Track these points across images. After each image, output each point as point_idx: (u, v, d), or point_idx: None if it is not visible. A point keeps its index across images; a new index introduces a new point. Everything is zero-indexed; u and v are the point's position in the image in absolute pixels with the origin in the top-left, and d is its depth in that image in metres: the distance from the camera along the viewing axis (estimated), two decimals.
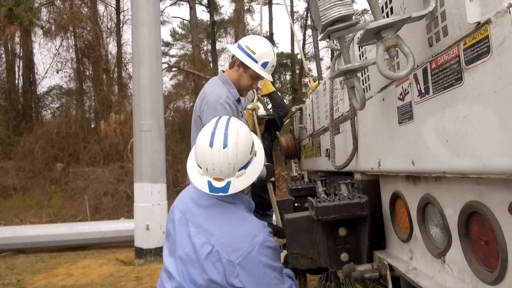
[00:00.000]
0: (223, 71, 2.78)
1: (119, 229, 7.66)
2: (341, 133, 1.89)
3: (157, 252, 6.28)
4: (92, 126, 15.45)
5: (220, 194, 1.64)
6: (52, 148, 14.00)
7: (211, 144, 1.63)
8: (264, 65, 2.52)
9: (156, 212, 6.48)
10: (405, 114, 1.13)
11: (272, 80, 2.81)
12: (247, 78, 2.59)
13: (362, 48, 1.53)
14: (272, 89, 3.98)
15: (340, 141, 1.92)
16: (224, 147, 1.62)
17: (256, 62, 2.51)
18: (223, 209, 1.72)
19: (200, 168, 1.67)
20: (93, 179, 11.76)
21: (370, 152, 1.49)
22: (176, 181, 12.93)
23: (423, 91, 1.02)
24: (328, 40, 1.26)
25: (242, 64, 2.55)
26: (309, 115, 2.76)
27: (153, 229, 6.39)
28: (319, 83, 3.52)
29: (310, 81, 3.84)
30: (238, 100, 2.65)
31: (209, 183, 1.64)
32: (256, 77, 2.61)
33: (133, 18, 6.90)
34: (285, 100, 31.92)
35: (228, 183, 1.63)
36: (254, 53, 2.50)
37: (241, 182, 1.66)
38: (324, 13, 1.15)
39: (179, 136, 15.05)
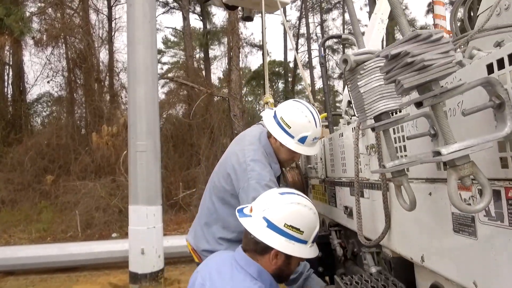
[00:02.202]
0: (263, 125, 2.44)
1: (112, 249, 7.45)
2: (366, 198, 1.78)
3: (153, 277, 6.10)
4: (83, 136, 15.17)
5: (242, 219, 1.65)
6: (42, 160, 13.69)
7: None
8: (302, 140, 2.16)
9: (152, 235, 6.31)
10: (464, 227, 1.02)
11: (314, 154, 2.41)
12: (286, 152, 2.25)
13: None
14: None
15: (365, 205, 1.81)
16: (282, 194, 1.67)
17: (293, 137, 2.16)
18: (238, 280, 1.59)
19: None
20: (84, 193, 11.49)
21: (408, 239, 1.38)
22: (169, 194, 12.73)
23: (493, 215, 0.91)
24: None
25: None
26: (321, 158, 2.64)
27: (149, 253, 6.20)
28: (327, 117, 3.42)
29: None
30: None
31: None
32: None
33: (129, 36, 6.76)
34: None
35: (251, 217, 1.63)
36: (289, 127, 2.16)
37: (257, 231, 1.57)
38: (370, 106, 1.05)
39: (172, 147, 14.85)
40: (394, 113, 1.24)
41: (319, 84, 30.25)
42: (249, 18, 4.75)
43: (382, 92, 1.04)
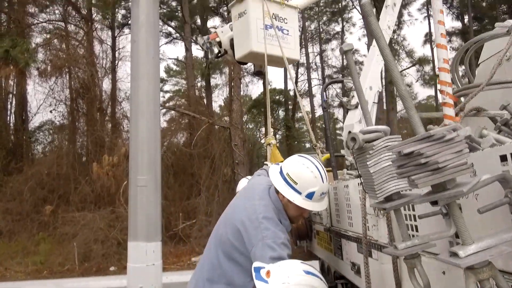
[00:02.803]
0: (267, 170, 2.44)
1: (110, 286, 7.29)
2: (374, 259, 1.74)
3: None
4: (84, 165, 15.13)
5: None
6: (42, 190, 13.61)
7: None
8: (310, 195, 2.13)
9: (151, 273, 6.14)
10: None
11: (323, 209, 2.37)
12: (294, 208, 2.20)
13: None
14: (281, 159, 3.86)
15: (374, 266, 1.76)
16: (307, 273, 1.57)
17: (300, 193, 2.14)
18: None
19: None
20: (83, 225, 11.34)
21: None
22: (168, 225, 12.56)
23: None
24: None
25: None
26: (326, 208, 2.60)
27: None
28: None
29: (318, 154, 3.73)
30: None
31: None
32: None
33: (133, 71, 6.83)
34: (278, 136, 32.04)
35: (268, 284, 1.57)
36: (296, 183, 2.14)
37: None
38: (380, 186, 1.03)
39: (172, 176, 14.78)
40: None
41: (319, 111, 30.49)
42: (260, 73, 4.85)
43: (392, 172, 1.02)
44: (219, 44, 4.86)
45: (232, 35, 4.49)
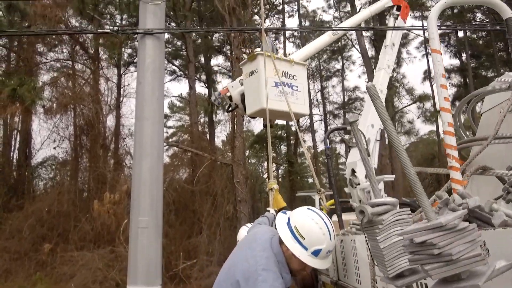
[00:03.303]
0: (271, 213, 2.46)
1: None
2: None
3: None
4: (85, 202, 15.03)
5: None
6: (41, 228, 13.44)
7: None
8: (316, 252, 2.10)
9: None
10: None
11: (327, 267, 2.34)
12: (297, 263, 2.15)
13: None
14: (283, 204, 3.82)
15: None
16: None
17: (306, 249, 2.10)
18: None
19: None
20: (81, 265, 11.09)
21: None
22: (169, 265, 12.26)
23: None
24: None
25: None
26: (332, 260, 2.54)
27: None
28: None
29: (323, 199, 3.69)
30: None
31: None
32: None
33: (137, 112, 6.94)
34: (280, 171, 31.96)
35: None
36: (303, 238, 2.10)
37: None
38: (391, 262, 1.00)
39: (173, 214, 14.61)
40: None
41: (321, 146, 30.55)
42: (270, 126, 5.03)
43: (403, 248, 1.00)
44: (230, 98, 5.04)
45: (242, 90, 4.66)
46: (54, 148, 15.88)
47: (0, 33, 10.98)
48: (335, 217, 3.45)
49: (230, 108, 5.11)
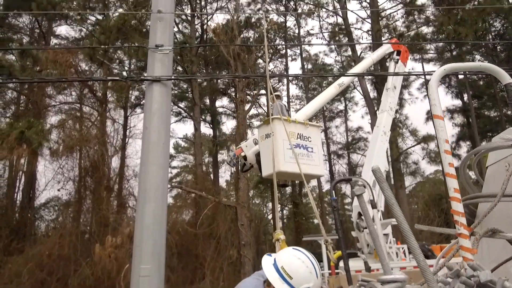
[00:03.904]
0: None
1: None
2: None
3: None
4: (86, 245, 14.79)
5: None
6: (41, 272, 13.14)
7: None
8: None
9: None
10: None
11: None
12: None
13: None
14: None
15: None
16: None
17: None
18: None
19: None
20: None
21: None
22: None
23: None
24: None
25: None
26: None
27: None
28: None
29: (330, 251, 3.59)
30: None
31: None
32: None
33: (143, 157, 6.98)
34: (285, 212, 31.48)
35: None
36: (291, 277, 2.12)
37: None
38: None
39: (176, 258, 14.28)
40: None
41: (326, 186, 30.29)
42: (284, 185, 5.17)
43: None
44: (244, 158, 5.16)
45: (257, 150, 4.78)
46: (58, 190, 15.89)
47: (14, 79, 11.33)
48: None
49: (245, 168, 5.23)
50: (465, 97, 27.63)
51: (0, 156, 13.65)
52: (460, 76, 27.42)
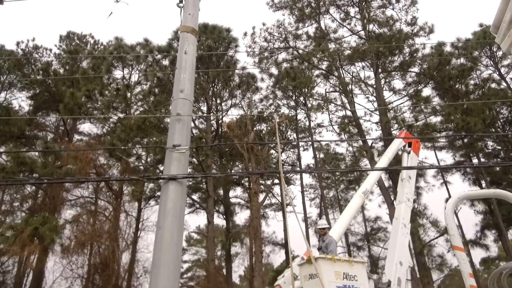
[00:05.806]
0: None
1: None
2: None
3: None
4: None
5: None
6: None
7: None
8: None
9: None
10: None
11: None
12: None
13: None
14: None
15: None
16: None
17: None
18: None
19: None
20: None
21: None
22: None
23: None
24: None
25: None
26: None
27: None
28: None
29: None
30: None
31: None
32: None
33: (154, 259, 6.71)
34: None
35: None
36: None
37: None
38: None
39: None
40: None
41: None
42: None
43: None
44: None
45: (296, 286, 4.64)
46: None
47: (33, 180, 11.66)
48: None
49: None
50: (483, 183, 27.05)
51: (12, 253, 13.43)
52: (475, 161, 27.20)
